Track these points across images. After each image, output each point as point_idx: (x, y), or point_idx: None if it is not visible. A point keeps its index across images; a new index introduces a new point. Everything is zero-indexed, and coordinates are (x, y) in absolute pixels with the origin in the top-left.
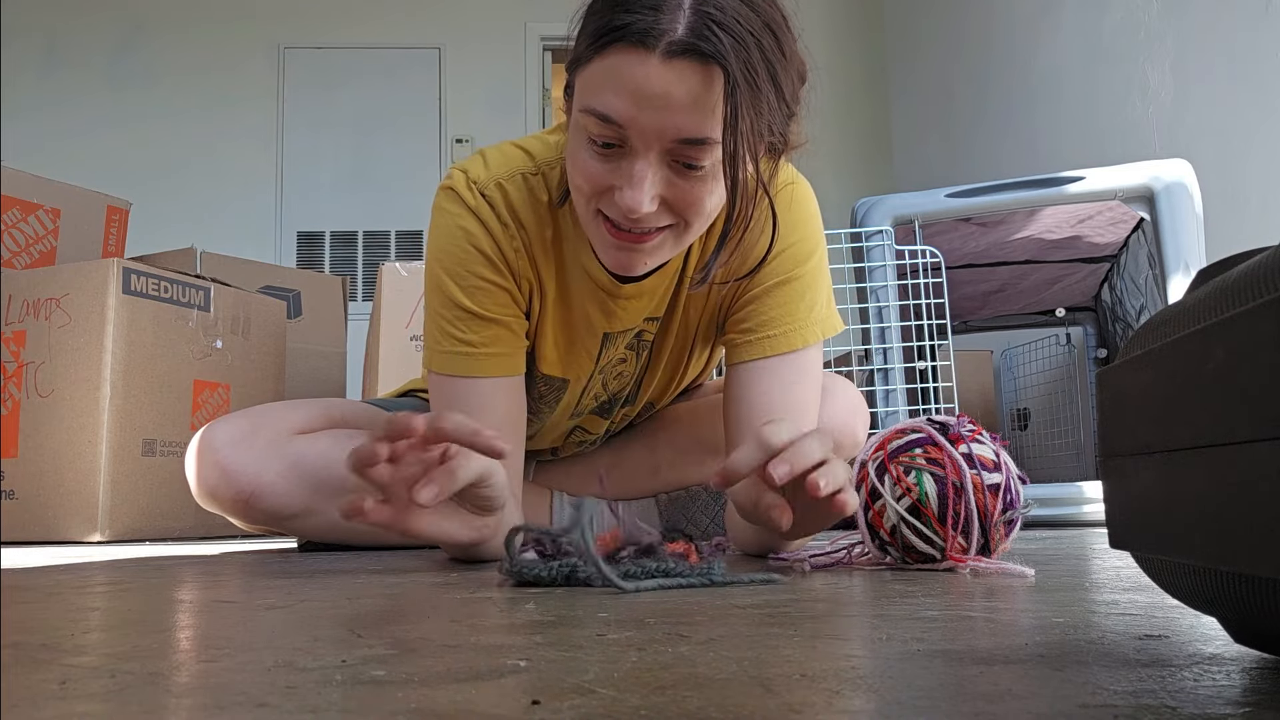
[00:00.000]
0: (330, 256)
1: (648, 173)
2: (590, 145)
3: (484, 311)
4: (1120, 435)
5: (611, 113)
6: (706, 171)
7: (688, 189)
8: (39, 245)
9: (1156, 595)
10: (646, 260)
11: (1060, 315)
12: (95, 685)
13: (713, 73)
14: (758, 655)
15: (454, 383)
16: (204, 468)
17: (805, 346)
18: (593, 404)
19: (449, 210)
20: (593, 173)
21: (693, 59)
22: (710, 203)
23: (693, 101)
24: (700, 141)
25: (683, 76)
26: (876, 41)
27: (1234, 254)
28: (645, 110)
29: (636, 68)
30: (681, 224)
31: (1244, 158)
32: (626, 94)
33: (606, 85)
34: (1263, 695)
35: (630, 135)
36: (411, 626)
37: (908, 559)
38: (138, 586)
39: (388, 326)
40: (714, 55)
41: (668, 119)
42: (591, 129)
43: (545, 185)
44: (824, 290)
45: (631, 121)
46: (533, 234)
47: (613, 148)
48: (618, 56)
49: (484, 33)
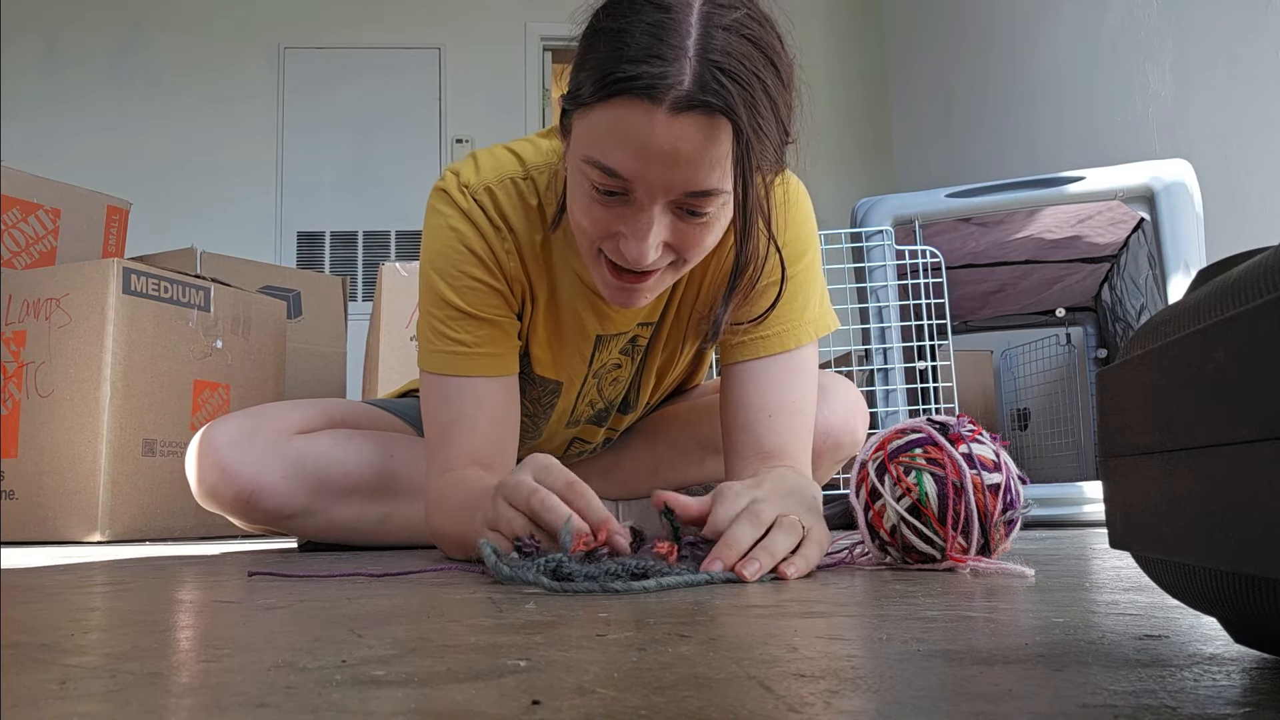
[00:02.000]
0: (330, 256)
1: (652, 224)
2: (593, 191)
3: (476, 311)
4: (1120, 435)
5: (617, 168)
6: (710, 215)
7: (690, 233)
8: (39, 245)
9: (1156, 595)
10: (646, 297)
11: (1060, 315)
12: (95, 685)
13: (719, 124)
14: (758, 655)
15: (447, 382)
16: (204, 468)
17: (800, 346)
18: (589, 411)
19: (441, 212)
20: (596, 218)
21: (700, 113)
22: (711, 239)
23: (699, 155)
24: (707, 194)
25: (690, 131)
26: (876, 42)
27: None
28: (652, 166)
29: (643, 123)
30: (681, 261)
31: (1244, 158)
32: (632, 149)
33: (610, 138)
34: (1263, 695)
35: (636, 188)
36: (411, 626)
37: (908, 559)
38: (138, 586)
39: (388, 326)
40: (722, 109)
41: (675, 174)
42: (594, 178)
43: (535, 190)
44: (818, 289)
45: (638, 177)
46: (523, 238)
47: (616, 196)
48: (623, 109)
49: (484, 33)
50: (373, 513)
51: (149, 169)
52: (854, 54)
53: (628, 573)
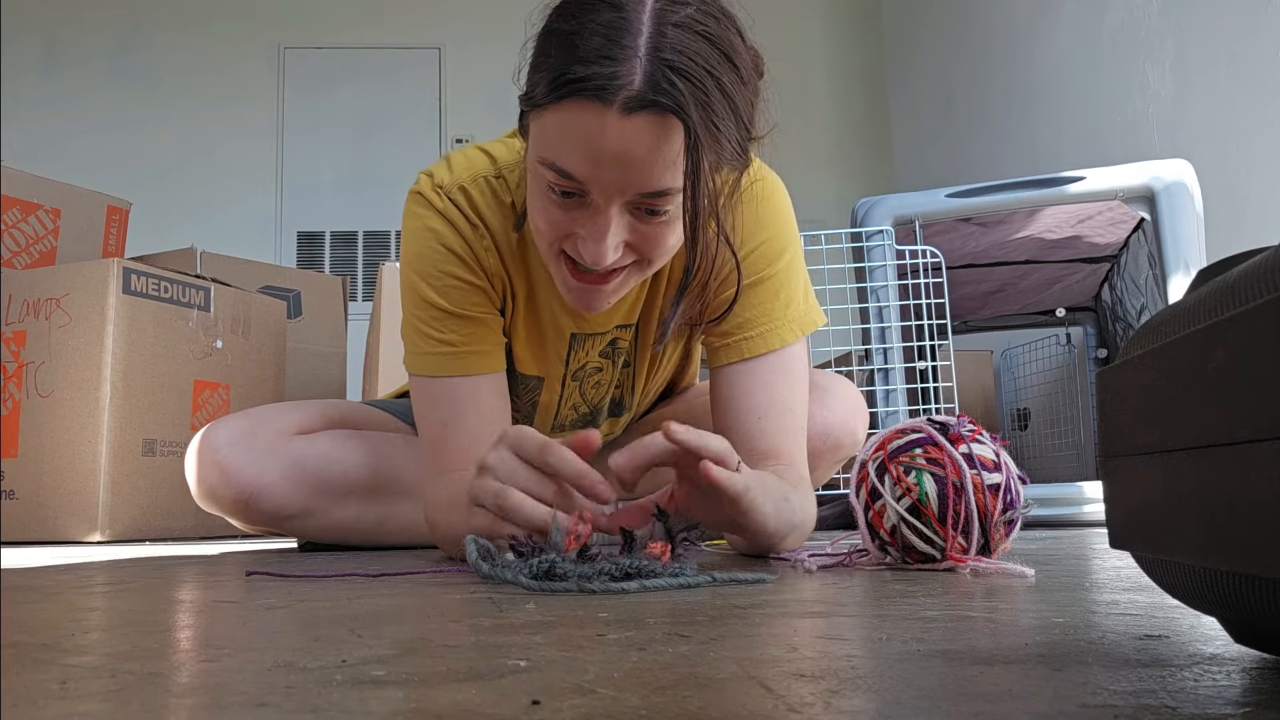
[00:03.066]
0: (330, 256)
1: (609, 225)
2: (549, 192)
3: (460, 310)
4: (1120, 435)
5: (571, 169)
6: (669, 214)
7: (650, 233)
8: (39, 245)
9: (1156, 595)
10: (609, 299)
11: (1060, 315)
12: (95, 685)
13: (671, 123)
14: (758, 655)
15: (436, 383)
16: (204, 469)
17: (785, 345)
18: (574, 415)
19: (417, 213)
20: (554, 220)
21: (651, 112)
22: (672, 240)
23: (652, 156)
24: (662, 193)
25: (641, 132)
26: (876, 42)
27: (1234, 254)
28: (605, 168)
29: (594, 124)
30: (645, 261)
31: (1244, 158)
32: (585, 151)
33: (564, 141)
34: (1263, 695)
35: (591, 190)
36: (411, 626)
37: (908, 559)
38: (138, 586)
39: (388, 326)
40: (673, 109)
41: (628, 175)
42: (550, 179)
43: (508, 188)
44: (800, 286)
45: (591, 178)
46: (499, 235)
47: (573, 197)
48: (575, 111)
49: (484, 33)
50: (372, 513)
51: (149, 169)
52: (854, 54)
53: (622, 573)
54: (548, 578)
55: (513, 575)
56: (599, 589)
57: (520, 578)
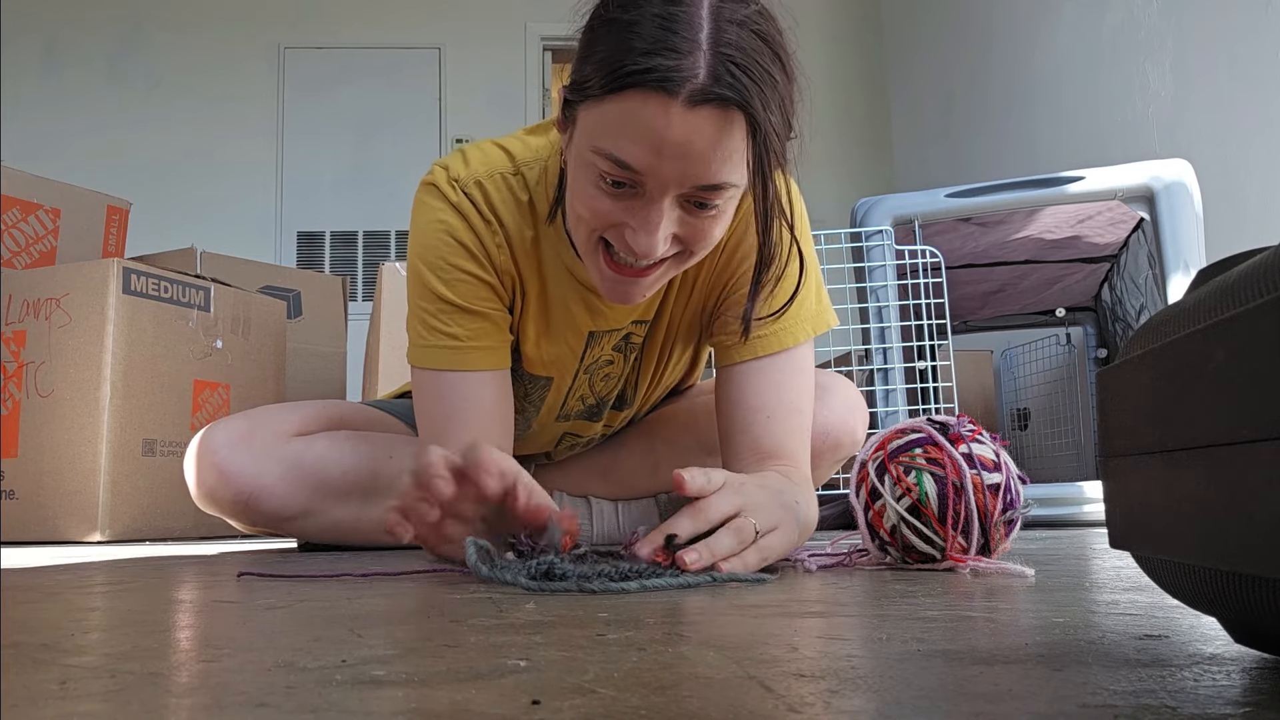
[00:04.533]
0: (330, 256)
1: (662, 217)
2: (600, 182)
3: (467, 304)
4: (1120, 435)
5: (630, 160)
6: (719, 208)
7: (698, 226)
8: (39, 245)
9: (1156, 595)
10: (645, 292)
11: (1060, 315)
12: (95, 685)
13: (734, 117)
14: (758, 655)
15: (439, 377)
16: (203, 470)
17: (796, 344)
18: (580, 406)
19: (430, 205)
20: (602, 210)
21: (715, 105)
22: (717, 233)
23: (713, 149)
24: (717, 187)
25: (705, 124)
26: (876, 42)
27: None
28: (666, 159)
29: (659, 116)
30: (686, 254)
31: (1244, 158)
32: (647, 142)
33: (625, 131)
34: (1263, 695)
35: (647, 181)
36: (411, 626)
37: (908, 559)
38: (138, 586)
39: (388, 326)
40: (738, 103)
41: (687, 168)
42: (604, 168)
43: (525, 186)
44: (813, 287)
45: (650, 170)
46: (513, 233)
47: (624, 188)
48: (637, 102)
49: (484, 33)
50: (372, 513)
51: (149, 169)
52: (854, 54)
53: (621, 575)
54: (547, 578)
55: (512, 576)
56: (599, 589)
57: (520, 578)
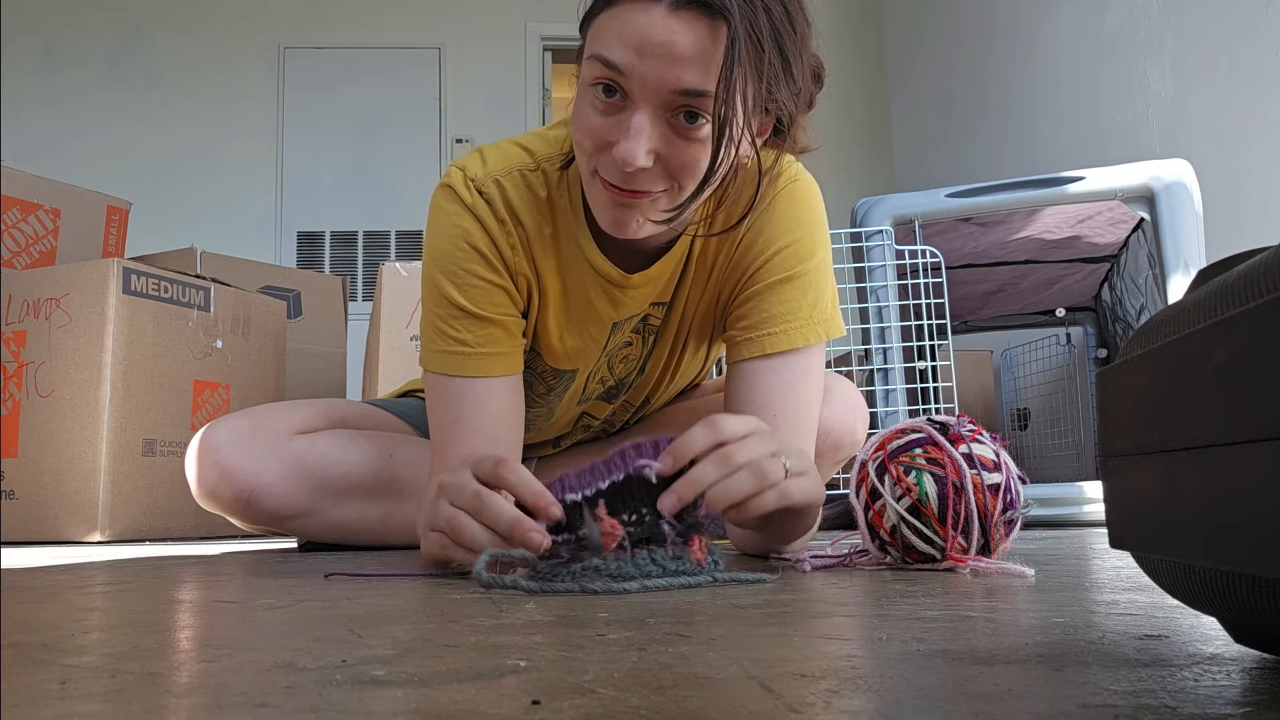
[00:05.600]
0: (330, 256)
1: (645, 125)
2: (593, 98)
3: (480, 310)
4: (1120, 435)
5: (614, 58)
6: (705, 131)
7: (684, 148)
8: (39, 245)
9: (1156, 595)
10: (640, 219)
11: (1060, 315)
12: (95, 685)
13: (718, 27)
14: (758, 655)
15: (449, 382)
16: (204, 468)
17: (807, 345)
18: (599, 389)
19: (446, 209)
20: (593, 127)
21: (699, 10)
22: (703, 160)
23: (696, 53)
24: (700, 93)
25: (687, 27)
26: (876, 41)
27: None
28: (647, 59)
29: (641, 16)
30: (675, 186)
31: (1244, 158)
32: (630, 42)
33: (612, 33)
34: (1263, 695)
35: (631, 85)
36: (411, 626)
37: (908, 559)
38: (138, 586)
39: (388, 326)
40: (720, 9)
41: (669, 69)
42: (594, 73)
43: (544, 181)
44: (828, 291)
45: (632, 69)
46: (531, 231)
47: (614, 99)
48: (625, 5)
49: (484, 33)
50: (373, 513)
51: (149, 169)
52: (854, 54)
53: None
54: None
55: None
56: (600, 589)
57: (519, 581)
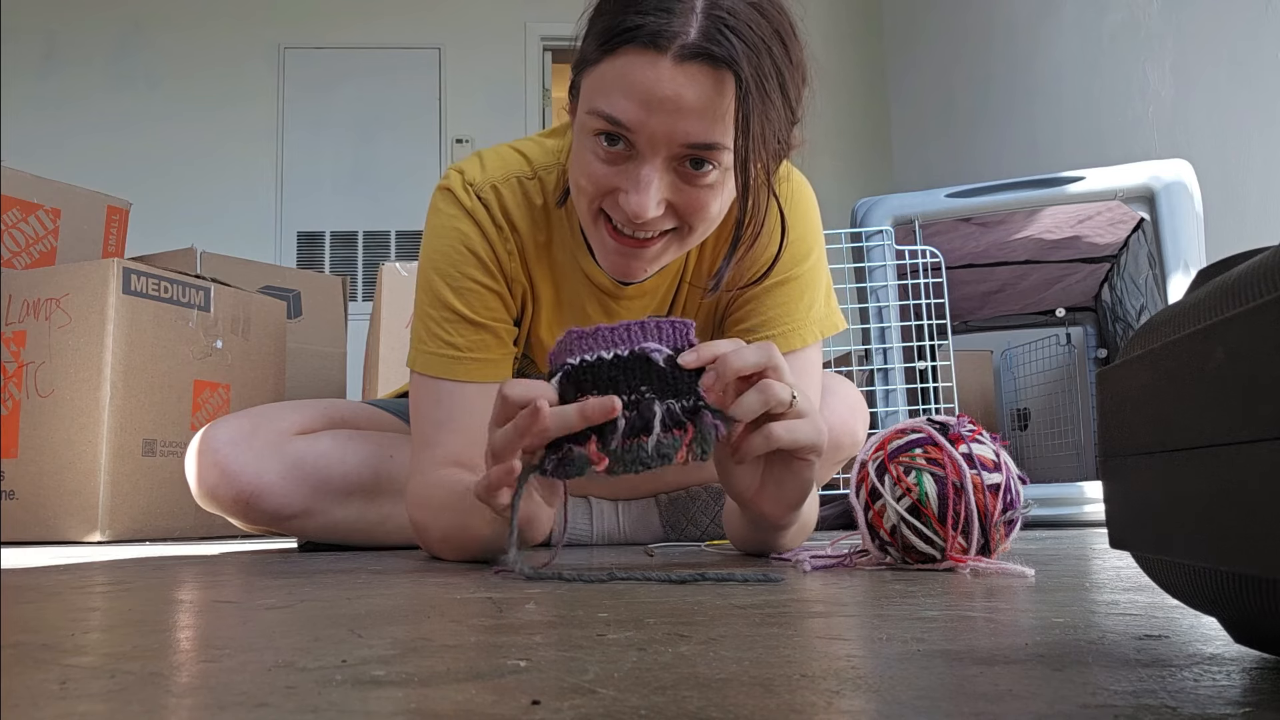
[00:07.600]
0: (330, 256)
1: (654, 177)
2: (596, 146)
3: (473, 315)
4: (1120, 435)
5: (620, 115)
6: (713, 177)
7: (693, 194)
8: (39, 245)
9: (1156, 595)
10: (647, 267)
11: (1060, 315)
12: (95, 685)
13: (724, 77)
14: (758, 655)
15: (436, 384)
16: (204, 468)
17: (805, 346)
18: None
19: (444, 211)
20: (597, 174)
21: (705, 63)
22: (715, 208)
23: (703, 106)
24: (709, 146)
25: (694, 80)
26: (876, 41)
27: (1234, 254)
28: (655, 114)
29: (648, 70)
30: (685, 228)
31: (1244, 158)
32: (636, 97)
33: (616, 87)
34: (1263, 695)
35: (638, 139)
36: (411, 626)
37: (908, 559)
38: (138, 586)
39: (388, 326)
40: (726, 60)
41: (678, 124)
42: (598, 127)
43: (541, 190)
44: (823, 289)
45: (640, 125)
46: (526, 238)
47: (618, 148)
48: (628, 58)
49: (484, 33)
50: (373, 513)
51: (149, 169)
52: (854, 54)
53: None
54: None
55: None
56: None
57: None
